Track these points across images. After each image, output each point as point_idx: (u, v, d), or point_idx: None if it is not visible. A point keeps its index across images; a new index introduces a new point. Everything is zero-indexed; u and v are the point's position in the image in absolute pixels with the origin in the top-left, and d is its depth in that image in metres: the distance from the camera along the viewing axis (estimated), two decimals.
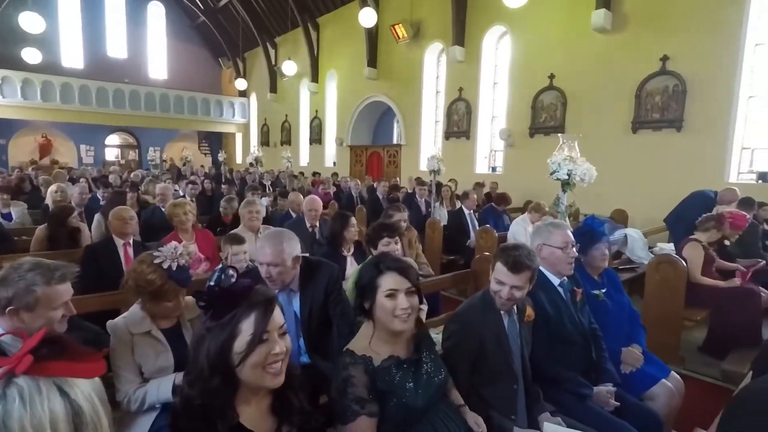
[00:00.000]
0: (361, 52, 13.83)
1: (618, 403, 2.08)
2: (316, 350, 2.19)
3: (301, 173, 13.81)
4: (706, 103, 7.31)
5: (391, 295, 1.49)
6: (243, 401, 1.15)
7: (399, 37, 12.52)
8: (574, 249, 2.18)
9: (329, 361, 2.05)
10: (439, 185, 7.42)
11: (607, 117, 8.44)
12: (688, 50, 7.43)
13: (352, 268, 3.32)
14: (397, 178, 11.46)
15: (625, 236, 5.25)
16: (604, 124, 8.47)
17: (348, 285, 2.47)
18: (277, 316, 1.16)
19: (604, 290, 2.53)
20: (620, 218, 7.37)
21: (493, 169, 11.26)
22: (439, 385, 1.62)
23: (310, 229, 4.26)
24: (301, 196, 5.22)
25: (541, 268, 2.22)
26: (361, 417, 1.41)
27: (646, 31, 7.90)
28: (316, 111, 16.92)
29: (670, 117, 7.64)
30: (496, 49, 11.04)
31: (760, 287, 3.93)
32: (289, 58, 15.37)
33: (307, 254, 2.36)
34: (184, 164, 12.71)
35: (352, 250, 3.48)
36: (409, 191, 8.36)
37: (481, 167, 11.44)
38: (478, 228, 5.87)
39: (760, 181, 6.99)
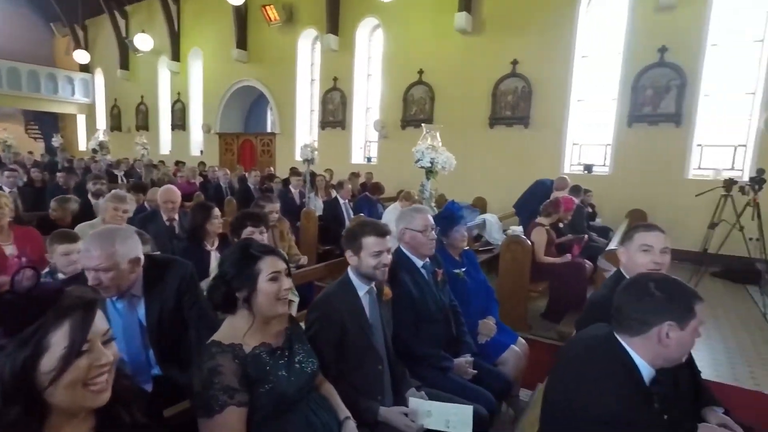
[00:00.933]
0: (229, 31, 12.90)
1: (475, 371, 2.26)
2: (171, 360, 1.95)
3: (162, 162, 12.44)
4: (547, 103, 8.45)
5: (274, 278, 1.45)
6: (54, 430, 0.94)
7: (271, 19, 11.96)
8: (434, 232, 2.30)
9: (188, 370, 1.84)
10: (313, 175, 7.32)
11: (470, 112, 9.23)
12: (533, 56, 8.47)
13: (217, 263, 3.07)
14: (272, 168, 11.03)
15: (484, 221, 5.80)
16: (467, 119, 9.24)
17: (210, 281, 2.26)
18: (100, 322, 0.97)
19: (464, 269, 2.73)
20: (480, 204, 8.14)
21: (369, 159, 11.52)
22: (310, 375, 1.57)
23: (168, 223, 3.82)
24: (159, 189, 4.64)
25: (404, 250, 2.30)
26: (229, 407, 1.31)
27: (500, 36, 8.79)
28: (179, 93, 15.33)
29: (519, 114, 8.66)
30: (370, 41, 11.25)
31: (585, 260, 4.72)
32: (143, 31, 13.66)
33: (158, 252, 2.08)
34: (2, 150, 10.44)
35: (216, 243, 3.21)
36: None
37: (357, 157, 11.61)
38: (353, 217, 5.95)
39: (586, 172, 8.34)
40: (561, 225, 4.84)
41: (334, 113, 11.58)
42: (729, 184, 5.82)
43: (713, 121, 7.57)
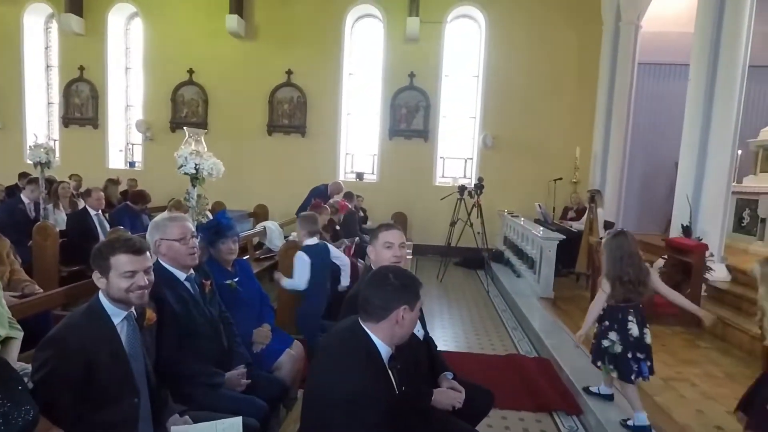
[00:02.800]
0: None
1: (248, 381, 2.21)
2: None
3: None
4: (321, 114, 8.98)
5: None
6: None
7: None
8: (195, 240, 2.15)
9: None
10: (51, 182, 5.92)
11: (248, 118, 9.03)
12: (306, 68, 8.87)
13: None
14: None
15: (264, 228, 5.75)
16: (245, 125, 9.02)
17: None
18: None
19: (236, 279, 2.64)
20: (261, 212, 8.08)
21: (132, 164, 9.99)
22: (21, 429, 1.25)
23: None
24: None
25: (163, 263, 2.08)
26: None
27: (274, 44, 8.89)
28: None
29: (296, 123, 8.95)
30: (127, 30, 9.80)
31: (359, 259, 5.18)
32: None
33: None
34: None
35: None
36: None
37: (117, 162, 9.94)
38: (109, 230, 5.07)
39: (358, 179, 9.20)
40: (337, 228, 5.20)
41: (82, 109, 9.63)
42: (461, 189, 7.31)
43: (450, 138, 9.41)
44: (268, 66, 8.87)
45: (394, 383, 1.50)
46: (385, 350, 1.47)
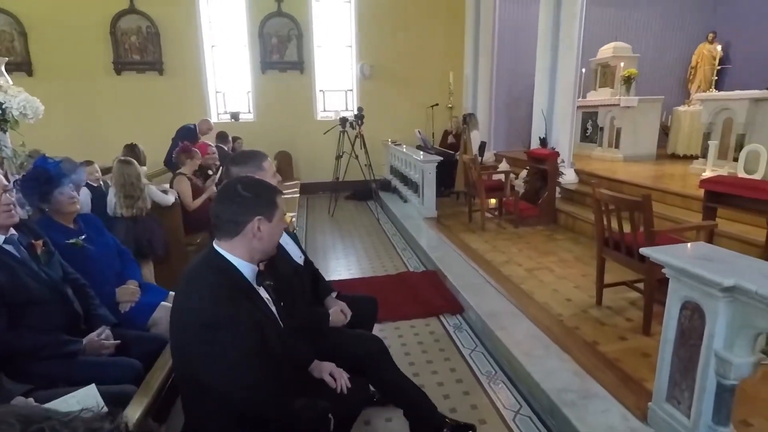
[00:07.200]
0: None
1: (117, 342, 2.00)
2: None
3: None
4: (181, 48, 7.89)
5: None
6: None
7: None
8: (9, 194, 1.78)
9: None
10: None
11: (87, 55, 7.60)
12: None
13: None
14: None
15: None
16: (84, 64, 7.60)
17: None
18: None
19: (83, 237, 2.29)
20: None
21: None
22: None
23: None
24: None
25: None
26: None
27: None
28: None
29: (150, 59, 7.77)
30: None
31: None
32: None
33: None
34: None
35: None
36: None
37: None
38: None
39: (233, 120, 8.49)
40: (210, 172, 4.79)
41: None
42: (343, 122, 7.17)
43: (328, 69, 9.01)
44: None
45: (268, 302, 1.45)
46: (248, 268, 1.37)
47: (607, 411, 2.13)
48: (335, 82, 9.10)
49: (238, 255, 1.35)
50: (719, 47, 8.20)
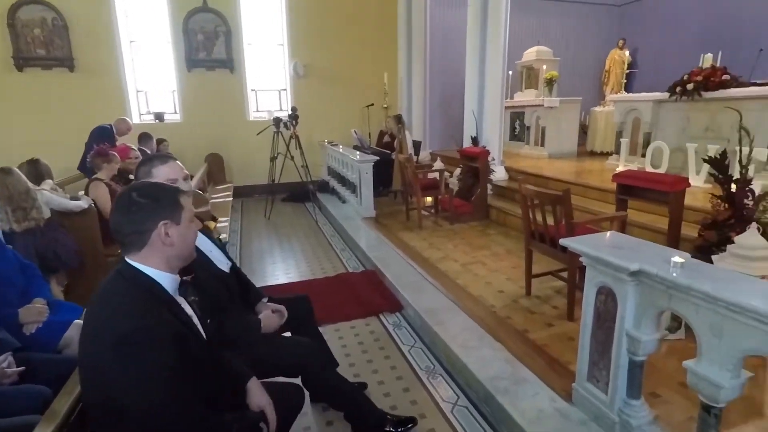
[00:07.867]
0: None
1: (21, 368, 1.81)
2: None
3: None
4: (94, 43, 7.27)
5: None
6: None
7: None
8: None
9: None
10: None
11: None
12: None
13: None
14: None
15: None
16: None
17: None
18: None
19: None
20: (33, 170, 6.42)
21: None
22: None
23: None
24: None
25: None
26: None
27: None
28: None
29: (58, 54, 7.09)
30: None
31: None
32: None
33: None
34: None
35: None
36: None
37: None
38: None
39: (157, 121, 7.98)
40: (131, 177, 4.46)
41: None
42: (277, 122, 6.99)
43: (260, 68, 8.73)
44: None
45: (189, 314, 1.36)
46: (167, 279, 1.28)
47: (536, 395, 2.25)
48: (268, 81, 8.84)
49: (154, 266, 1.26)
50: (627, 53, 8.98)
